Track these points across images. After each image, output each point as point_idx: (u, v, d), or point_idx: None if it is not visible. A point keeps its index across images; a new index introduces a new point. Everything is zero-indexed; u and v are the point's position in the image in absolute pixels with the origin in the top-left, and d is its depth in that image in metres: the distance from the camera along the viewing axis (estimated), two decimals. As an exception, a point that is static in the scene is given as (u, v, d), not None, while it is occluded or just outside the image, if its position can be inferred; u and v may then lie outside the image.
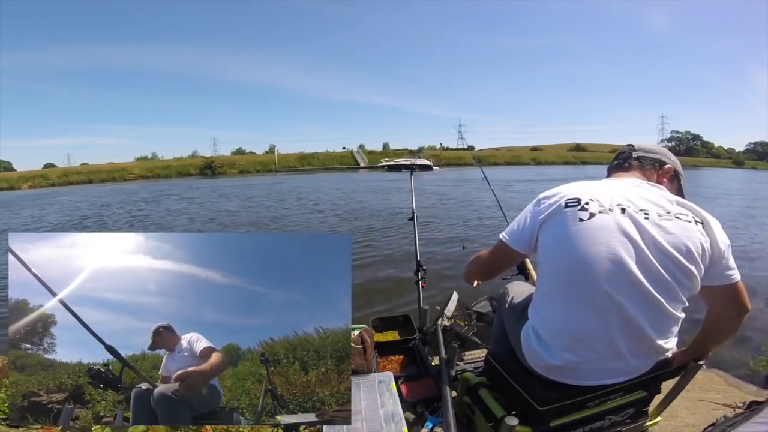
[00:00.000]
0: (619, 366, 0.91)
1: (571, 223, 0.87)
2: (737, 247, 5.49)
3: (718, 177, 26.92)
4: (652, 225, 0.84)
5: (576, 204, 0.88)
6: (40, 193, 23.23)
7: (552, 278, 0.93)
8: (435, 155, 47.59)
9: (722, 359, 2.38)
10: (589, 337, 0.88)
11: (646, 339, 0.88)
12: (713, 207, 9.58)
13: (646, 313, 0.85)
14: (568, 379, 0.94)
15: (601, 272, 0.83)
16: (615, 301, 0.84)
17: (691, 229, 0.85)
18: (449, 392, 1.23)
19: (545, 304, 0.96)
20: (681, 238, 0.84)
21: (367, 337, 1.62)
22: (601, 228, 0.85)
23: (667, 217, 0.86)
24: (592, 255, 0.84)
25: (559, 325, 0.92)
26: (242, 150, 76.61)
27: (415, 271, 2.07)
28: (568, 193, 0.91)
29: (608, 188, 0.93)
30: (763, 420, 1.17)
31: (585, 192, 0.90)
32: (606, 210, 0.86)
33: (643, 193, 0.91)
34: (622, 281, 0.83)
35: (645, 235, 0.83)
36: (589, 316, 0.86)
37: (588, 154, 58.10)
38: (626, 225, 0.84)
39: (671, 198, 0.91)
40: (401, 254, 4.84)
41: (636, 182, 0.97)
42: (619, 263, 0.83)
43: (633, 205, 0.87)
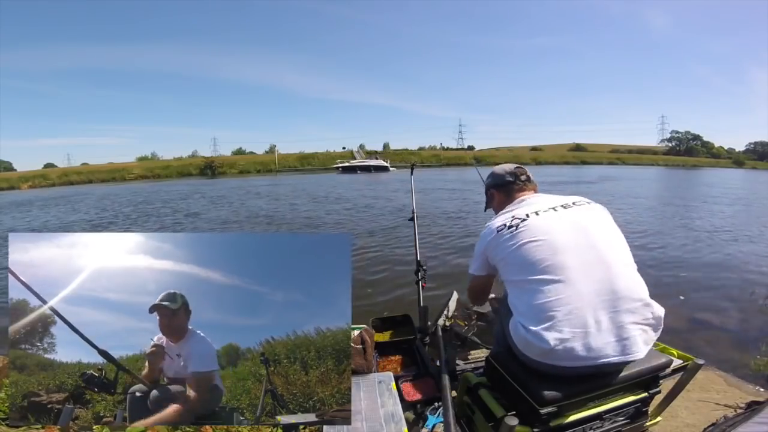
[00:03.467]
0: (609, 339, 0.95)
1: (507, 238, 1.11)
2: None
3: (719, 176, 26.93)
4: (564, 214, 1.11)
5: (503, 227, 1.14)
6: (62, 192, 23.07)
7: (515, 281, 1.09)
8: (435, 155, 47.60)
9: (722, 359, 2.39)
10: (567, 312, 0.95)
11: (616, 297, 0.97)
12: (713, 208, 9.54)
13: (602, 276, 0.99)
14: (564, 360, 0.95)
15: (549, 257, 1.02)
16: (571, 274, 0.99)
17: (589, 208, 1.16)
18: (449, 392, 1.23)
19: (519, 298, 1.06)
20: (590, 216, 1.13)
21: (367, 337, 1.62)
22: (529, 228, 1.08)
23: (570, 206, 1.14)
24: (534, 249, 1.04)
25: (536, 310, 0.99)
26: (242, 150, 76.65)
27: (415, 271, 2.07)
28: (496, 222, 1.18)
29: (520, 206, 1.21)
30: (763, 420, 1.17)
31: (506, 216, 1.18)
32: (524, 217, 1.12)
33: (544, 199, 1.21)
34: (568, 257, 1.01)
35: (565, 221, 1.09)
36: (556, 293, 0.97)
37: (588, 154, 58.14)
38: (547, 221, 1.09)
39: (561, 195, 1.23)
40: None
41: (536, 195, 1.29)
42: (557, 245, 1.03)
43: (542, 207, 1.15)
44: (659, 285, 3.78)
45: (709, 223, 7.52)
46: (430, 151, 54.16)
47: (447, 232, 6.66)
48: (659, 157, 58.38)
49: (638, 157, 56.81)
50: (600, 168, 37.81)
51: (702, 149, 65.30)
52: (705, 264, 4.72)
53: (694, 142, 66.86)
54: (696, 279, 4.15)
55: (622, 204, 10.43)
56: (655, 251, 5.26)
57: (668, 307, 1.03)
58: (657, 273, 4.25)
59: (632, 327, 0.97)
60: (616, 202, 10.81)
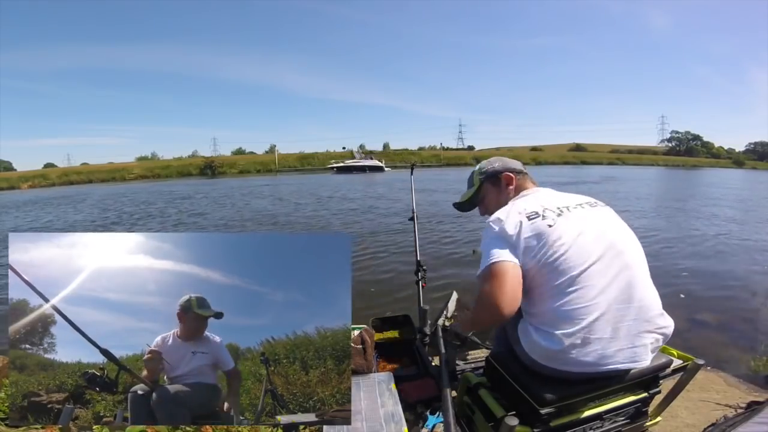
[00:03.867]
0: (622, 347, 0.93)
1: (546, 230, 0.97)
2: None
3: (719, 177, 26.91)
4: (591, 213, 1.04)
5: (536, 216, 1.01)
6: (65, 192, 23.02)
7: (540, 279, 0.98)
8: (435, 155, 47.60)
9: (722, 359, 2.39)
10: (591, 321, 0.92)
11: (636, 308, 0.94)
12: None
13: (627, 285, 0.95)
14: (569, 365, 0.94)
15: (579, 257, 0.94)
16: (597, 280, 0.93)
17: (606, 210, 1.09)
18: (449, 392, 1.23)
19: (539, 301, 0.99)
20: (610, 216, 1.07)
21: (367, 337, 1.62)
22: (565, 227, 0.98)
23: (583, 207, 1.05)
24: (567, 248, 0.95)
25: (554, 315, 0.95)
26: (242, 150, 76.69)
27: (415, 271, 2.07)
28: (522, 209, 1.04)
29: (544, 199, 1.09)
30: (763, 420, 1.17)
31: (534, 204, 1.05)
32: (558, 212, 1.02)
33: (561, 196, 1.12)
34: (598, 260, 0.95)
35: (592, 221, 1.01)
36: (579, 302, 0.93)
37: (588, 154, 58.13)
38: (580, 220, 1.01)
39: (570, 194, 1.14)
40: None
41: (543, 191, 1.18)
42: (587, 246, 0.96)
43: (569, 204, 1.05)
44: (660, 285, 3.77)
45: (709, 224, 7.52)
46: (430, 151, 54.16)
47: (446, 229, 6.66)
48: (659, 157, 58.40)
49: (638, 157, 56.84)
50: (601, 168, 37.79)
51: (702, 149, 65.30)
52: (705, 264, 4.72)
53: (694, 142, 66.86)
54: (696, 279, 4.15)
55: (627, 205, 10.40)
56: (656, 251, 5.26)
57: (668, 307, 1.03)
58: (657, 273, 4.24)
59: (646, 336, 0.96)
60: (619, 202, 10.79)
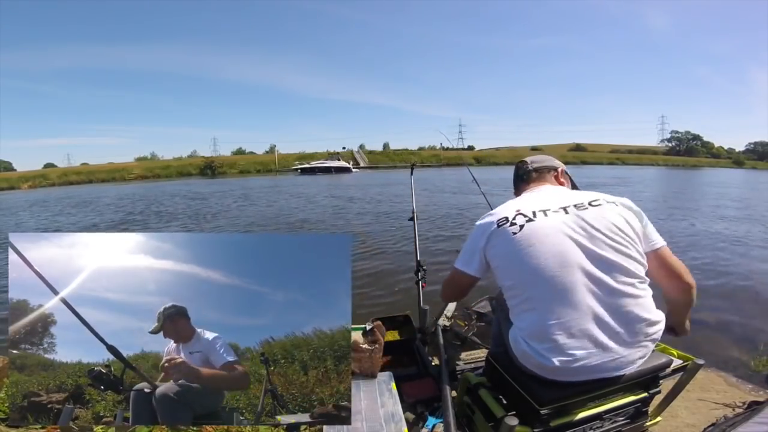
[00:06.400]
0: (611, 358, 0.92)
1: (510, 239, 0.98)
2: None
3: (719, 176, 26.91)
4: (575, 217, 0.97)
5: (505, 222, 1.00)
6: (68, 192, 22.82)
7: (515, 290, 0.99)
8: (435, 155, 47.60)
9: (722, 359, 2.38)
10: (570, 335, 0.91)
11: (622, 317, 0.92)
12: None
13: (609, 293, 0.91)
14: (564, 376, 0.94)
15: (554, 270, 0.92)
16: (578, 292, 0.91)
17: (607, 209, 0.99)
18: (449, 392, 1.23)
19: (521, 313, 0.99)
20: (604, 219, 0.97)
21: (379, 335, 1.55)
22: (535, 231, 0.96)
23: (584, 207, 0.99)
24: (538, 259, 0.93)
25: (539, 329, 0.93)
26: (242, 150, 76.63)
27: (416, 271, 2.07)
28: (498, 214, 1.04)
29: (527, 200, 1.07)
30: (763, 420, 1.17)
31: (509, 209, 1.03)
32: (530, 216, 0.99)
33: (555, 195, 1.07)
34: (575, 272, 0.91)
35: (574, 226, 0.95)
36: (561, 314, 0.91)
37: (588, 154, 58.12)
38: (555, 224, 0.97)
39: (578, 191, 1.09)
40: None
41: (546, 188, 1.14)
42: (565, 257, 0.92)
43: (552, 206, 1.01)
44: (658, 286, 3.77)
45: (709, 224, 7.52)
46: (430, 151, 54.15)
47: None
48: (659, 157, 58.38)
49: (638, 157, 56.85)
50: (600, 168, 37.77)
51: (702, 149, 65.30)
52: (705, 264, 4.71)
53: (694, 142, 66.85)
54: (696, 279, 4.14)
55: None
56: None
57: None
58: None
59: (635, 345, 0.94)
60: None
